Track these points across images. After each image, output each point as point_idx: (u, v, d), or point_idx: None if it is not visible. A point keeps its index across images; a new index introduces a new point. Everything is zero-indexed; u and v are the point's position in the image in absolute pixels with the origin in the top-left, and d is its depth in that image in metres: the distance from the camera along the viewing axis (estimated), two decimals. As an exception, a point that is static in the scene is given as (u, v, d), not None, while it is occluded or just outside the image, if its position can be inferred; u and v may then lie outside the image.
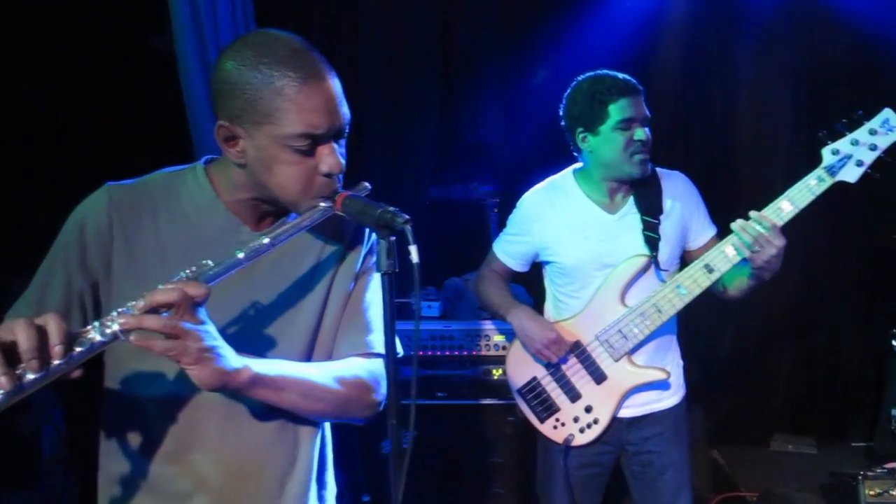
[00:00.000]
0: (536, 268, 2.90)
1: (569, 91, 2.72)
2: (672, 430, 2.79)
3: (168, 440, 1.55)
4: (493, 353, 3.43)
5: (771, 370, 4.98)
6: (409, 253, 1.32)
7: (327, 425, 1.74)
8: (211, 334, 1.35)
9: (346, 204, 1.47)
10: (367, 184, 1.55)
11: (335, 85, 1.46)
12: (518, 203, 2.84)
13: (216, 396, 1.53)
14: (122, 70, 3.75)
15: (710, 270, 2.58)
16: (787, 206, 2.49)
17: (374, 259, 1.70)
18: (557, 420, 2.75)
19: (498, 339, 3.44)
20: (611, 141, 2.61)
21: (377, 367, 1.66)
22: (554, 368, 2.74)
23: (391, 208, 1.38)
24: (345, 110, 1.48)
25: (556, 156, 4.53)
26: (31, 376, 1.18)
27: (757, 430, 4.90)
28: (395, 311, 1.39)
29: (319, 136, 1.44)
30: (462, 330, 3.46)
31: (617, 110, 2.58)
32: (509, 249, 2.84)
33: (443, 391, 3.39)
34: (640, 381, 2.68)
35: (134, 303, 1.29)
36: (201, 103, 3.17)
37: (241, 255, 1.39)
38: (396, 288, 1.39)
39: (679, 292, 2.61)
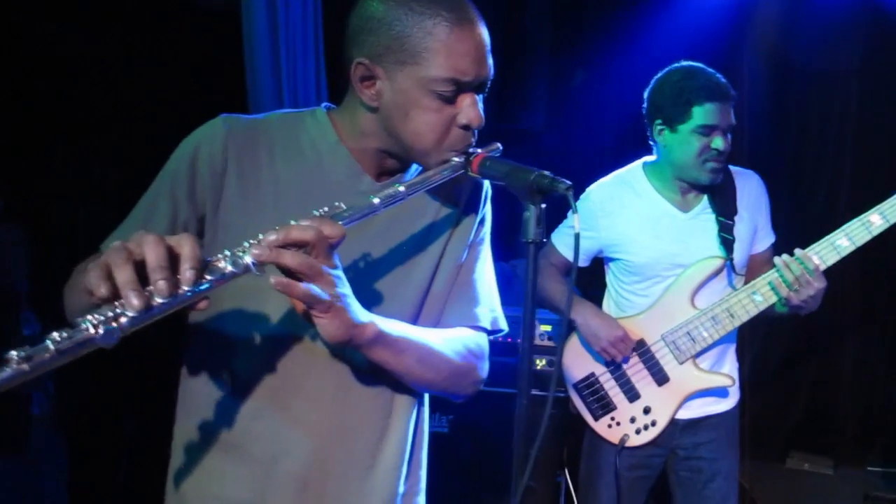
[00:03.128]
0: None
1: (659, 76, 2.61)
2: (725, 437, 2.72)
3: (260, 394, 1.43)
4: (537, 342, 3.34)
5: (792, 387, 4.93)
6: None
7: (426, 403, 1.64)
8: (343, 281, 1.25)
9: (487, 166, 1.37)
10: (499, 144, 1.45)
11: (485, 34, 1.38)
12: (583, 196, 2.73)
13: (319, 351, 1.43)
14: (180, 26, 3.66)
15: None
16: (877, 219, 2.43)
17: (485, 231, 1.63)
18: (613, 419, 2.67)
19: (544, 328, 3.35)
20: (687, 143, 2.51)
21: (483, 341, 1.58)
22: (614, 366, 2.65)
23: (547, 172, 1.27)
24: (491, 62, 1.39)
25: (594, 150, 4.49)
26: (158, 300, 1.05)
27: (773, 446, 4.85)
28: (535, 285, 1.30)
29: (465, 83, 1.35)
30: (507, 317, 3.35)
31: (701, 114, 2.47)
32: (572, 243, 2.74)
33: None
34: (703, 386, 2.61)
35: (264, 236, 1.17)
36: (264, 61, 3.03)
37: (376, 201, 1.28)
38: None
39: (754, 299, 2.54)
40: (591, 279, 2.98)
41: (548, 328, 3.35)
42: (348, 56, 1.40)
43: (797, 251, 2.45)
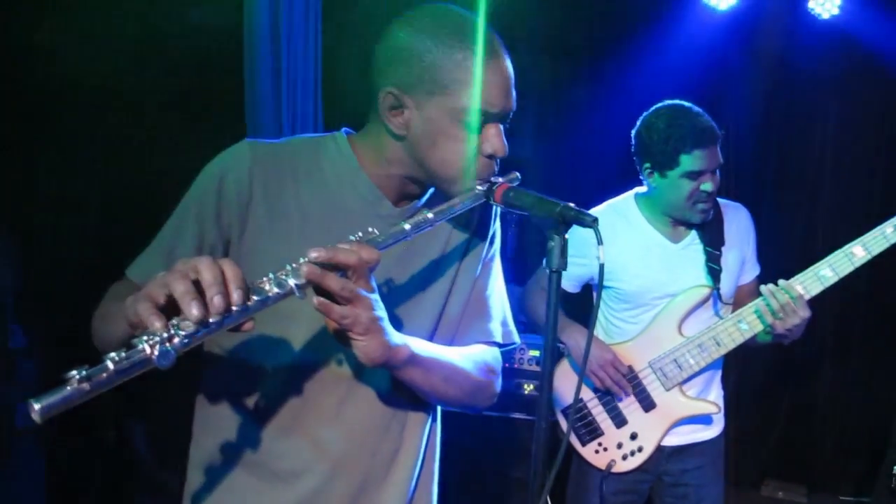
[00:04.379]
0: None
1: (645, 118, 2.65)
2: (711, 463, 2.77)
3: (283, 413, 1.47)
4: (525, 367, 3.37)
5: (768, 415, 5.00)
6: (598, 253, 1.29)
7: (438, 418, 1.69)
8: (380, 304, 1.29)
9: (511, 196, 1.41)
10: (517, 174, 1.50)
11: (511, 67, 1.43)
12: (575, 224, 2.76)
13: (341, 373, 1.48)
14: (175, 41, 3.68)
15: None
16: (859, 251, 2.50)
17: (495, 247, 1.69)
18: (600, 444, 2.70)
19: (533, 353, 3.38)
20: (676, 188, 2.56)
21: (498, 356, 1.65)
22: (602, 392, 2.69)
23: (572, 205, 1.32)
24: (515, 94, 1.44)
25: (583, 177, 4.55)
26: (210, 320, 1.09)
27: (749, 473, 4.91)
28: (558, 308, 1.34)
29: (492, 114, 1.40)
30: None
31: (689, 161, 2.51)
32: (568, 272, 2.77)
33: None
34: (689, 413, 2.66)
35: (305, 260, 1.20)
36: (265, 81, 3.06)
37: (407, 227, 1.33)
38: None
39: (740, 327, 2.59)
40: (578, 305, 3.01)
41: (536, 353, 3.38)
42: (374, 85, 1.43)
43: (781, 281, 2.50)
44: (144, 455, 4.18)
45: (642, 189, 2.76)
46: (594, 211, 2.75)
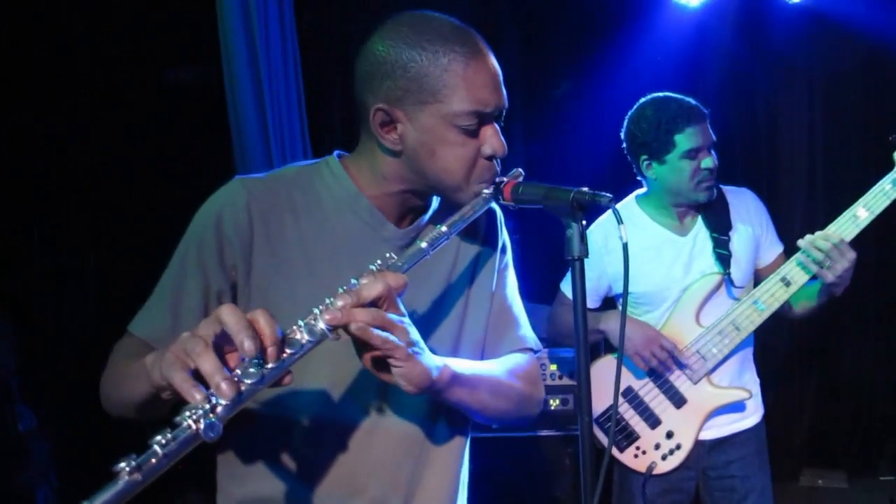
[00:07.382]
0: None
1: (632, 115, 2.66)
2: (755, 453, 2.70)
3: (313, 456, 1.41)
4: (549, 382, 3.31)
5: (796, 402, 4.93)
6: (619, 232, 1.29)
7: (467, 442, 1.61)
8: (414, 329, 1.24)
9: (521, 192, 1.37)
10: (521, 170, 1.46)
11: (497, 63, 1.40)
12: None
13: (366, 406, 1.43)
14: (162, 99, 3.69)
15: (788, 284, 2.55)
16: (862, 212, 2.48)
17: (508, 257, 1.65)
18: (638, 448, 2.64)
19: (552, 368, 3.33)
20: (678, 170, 2.56)
21: (534, 361, 1.60)
22: (631, 395, 2.65)
23: (585, 189, 1.29)
24: (505, 91, 1.41)
25: (575, 179, 4.53)
26: (248, 382, 1.05)
27: (785, 465, 4.81)
28: (585, 297, 1.33)
29: (486, 114, 1.36)
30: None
31: (684, 140, 2.52)
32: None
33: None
34: (721, 403, 2.61)
35: (332, 300, 1.16)
36: (251, 125, 3.05)
37: (424, 245, 1.28)
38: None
39: (757, 308, 2.56)
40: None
41: (554, 367, 3.33)
42: (362, 103, 1.39)
43: (818, 232, 2.47)
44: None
45: (641, 190, 2.76)
46: (598, 221, 2.73)
